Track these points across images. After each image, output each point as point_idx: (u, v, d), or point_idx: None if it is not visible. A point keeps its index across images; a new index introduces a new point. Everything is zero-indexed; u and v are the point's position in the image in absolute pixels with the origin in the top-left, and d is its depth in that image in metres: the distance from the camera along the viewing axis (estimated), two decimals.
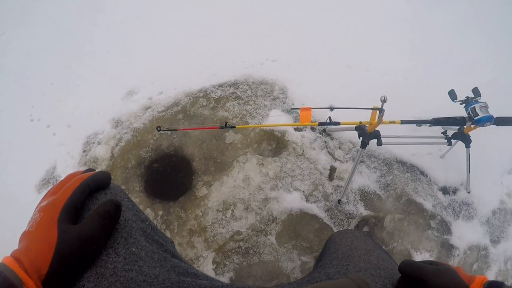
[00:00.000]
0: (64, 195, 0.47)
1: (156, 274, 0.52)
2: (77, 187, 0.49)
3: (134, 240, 0.52)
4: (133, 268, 0.49)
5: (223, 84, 1.92)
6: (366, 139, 1.45)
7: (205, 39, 2.16)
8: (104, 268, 0.46)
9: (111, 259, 0.47)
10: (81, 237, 0.44)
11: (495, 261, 1.64)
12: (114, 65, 2.05)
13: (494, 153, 1.82)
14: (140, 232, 0.55)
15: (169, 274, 0.55)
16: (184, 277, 0.58)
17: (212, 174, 1.62)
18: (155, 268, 0.53)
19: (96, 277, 0.45)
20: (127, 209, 0.55)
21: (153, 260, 0.53)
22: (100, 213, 0.47)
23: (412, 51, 2.22)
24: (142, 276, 0.49)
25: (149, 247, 0.54)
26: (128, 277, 0.47)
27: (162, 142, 1.70)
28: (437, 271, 0.56)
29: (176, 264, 0.59)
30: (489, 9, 2.59)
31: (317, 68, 2.01)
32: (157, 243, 0.58)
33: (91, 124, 1.82)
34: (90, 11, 2.46)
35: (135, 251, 0.51)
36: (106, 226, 0.48)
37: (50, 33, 2.36)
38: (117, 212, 0.49)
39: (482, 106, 1.38)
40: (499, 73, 2.17)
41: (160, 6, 2.41)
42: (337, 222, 1.56)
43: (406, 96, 1.83)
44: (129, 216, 0.54)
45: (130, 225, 0.53)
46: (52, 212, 0.45)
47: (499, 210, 1.74)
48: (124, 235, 0.51)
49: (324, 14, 2.39)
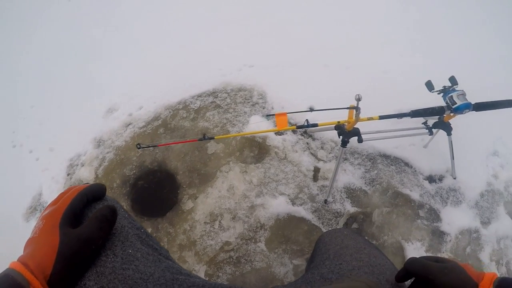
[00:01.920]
0: (64, 204, 0.51)
1: (151, 272, 0.55)
2: (76, 196, 0.53)
3: (130, 243, 0.56)
4: (130, 267, 0.52)
5: (202, 94, 1.91)
6: (346, 138, 1.44)
7: (182, 50, 2.15)
8: (103, 268, 0.50)
9: (109, 259, 0.51)
10: (81, 238, 0.48)
11: (488, 242, 1.65)
12: (91, 83, 2.03)
13: (477, 137, 1.82)
14: (136, 237, 0.58)
15: (164, 272, 0.58)
16: (178, 275, 0.61)
17: (196, 186, 1.62)
18: (150, 267, 0.56)
19: (96, 275, 0.49)
20: (123, 218, 0.59)
21: (148, 261, 0.57)
22: (98, 216, 0.51)
23: (388, 45, 2.21)
24: (139, 274, 0.53)
25: (144, 249, 0.58)
26: (125, 275, 0.51)
27: (145, 158, 1.70)
28: (444, 268, 0.54)
29: (170, 265, 0.62)
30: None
31: (295, 69, 2.00)
32: (152, 247, 0.61)
33: (73, 145, 1.81)
34: (65, 28, 2.42)
35: (132, 253, 0.55)
36: (104, 228, 0.52)
37: (26, 54, 2.33)
38: (113, 216, 0.53)
39: (460, 94, 1.38)
40: (474, 59, 2.17)
41: (133, 21, 2.39)
42: (325, 222, 1.56)
43: (387, 89, 1.82)
44: (125, 223, 0.58)
45: (127, 231, 0.57)
46: (54, 218, 0.49)
47: (486, 192, 1.74)
48: (121, 239, 0.55)
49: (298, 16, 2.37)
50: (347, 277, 0.69)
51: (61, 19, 2.49)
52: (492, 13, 2.57)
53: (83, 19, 2.46)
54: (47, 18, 2.52)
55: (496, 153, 1.85)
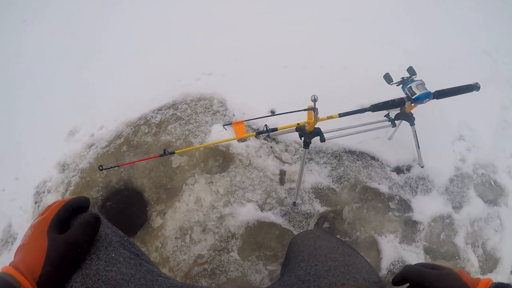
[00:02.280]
0: (52, 213, 0.55)
1: (132, 274, 0.59)
2: (62, 207, 0.57)
3: (113, 248, 0.60)
4: (113, 269, 0.56)
5: (162, 107, 1.88)
6: (307, 139, 1.43)
7: (138, 63, 2.11)
8: (88, 270, 0.53)
9: (94, 262, 0.55)
10: (68, 242, 0.52)
11: (462, 226, 1.66)
12: (50, 107, 2.00)
13: (441, 124, 1.83)
14: (118, 243, 0.62)
15: (144, 274, 0.62)
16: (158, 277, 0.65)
17: (164, 202, 1.60)
18: (132, 269, 0.60)
19: (82, 277, 0.52)
20: (106, 227, 0.63)
21: (130, 264, 0.60)
22: (83, 223, 0.56)
23: (346, 40, 2.21)
24: (121, 275, 0.56)
25: (126, 254, 0.62)
26: (108, 276, 0.54)
27: (111, 178, 1.68)
28: (439, 275, 0.55)
29: (150, 268, 0.66)
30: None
31: (254, 73, 1.98)
32: (134, 253, 0.65)
33: (38, 172, 1.78)
34: (21, 49, 2.38)
35: (114, 256, 0.59)
36: (88, 233, 0.56)
37: None
38: (97, 222, 0.58)
39: (419, 84, 1.37)
40: (433, 46, 2.18)
41: (88, 37, 2.35)
42: (296, 225, 1.56)
43: (347, 85, 1.82)
44: (108, 232, 0.62)
45: (110, 238, 0.61)
46: (42, 226, 0.53)
47: (455, 177, 1.75)
48: (105, 244, 0.59)
49: (255, 19, 2.35)
50: (324, 278, 0.69)
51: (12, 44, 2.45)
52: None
53: (37, 39, 2.41)
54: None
55: (461, 137, 1.86)
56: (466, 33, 2.39)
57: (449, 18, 2.48)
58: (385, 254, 1.52)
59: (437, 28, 2.37)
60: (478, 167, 1.80)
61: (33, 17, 2.66)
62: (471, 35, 2.40)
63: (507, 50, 2.35)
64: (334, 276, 0.68)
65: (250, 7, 2.41)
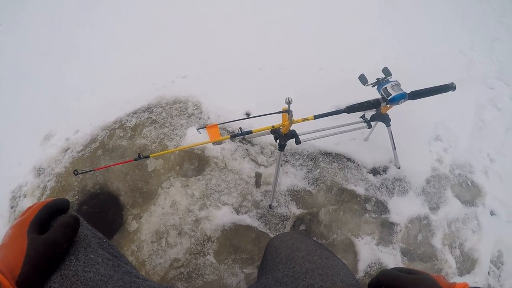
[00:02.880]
0: (32, 214, 0.56)
1: (111, 275, 0.59)
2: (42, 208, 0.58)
3: (92, 249, 0.60)
4: (91, 270, 0.56)
5: (137, 111, 1.87)
6: (283, 141, 1.43)
7: (113, 66, 2.10)
8: (67, 271, 0.53)
9: (72, 263, 0.55)
10: (47, 242, 0.52)
11: (439, 227, 1.67)
12: (26, 110, 1.98)
13: (418, 124, 1.84)
14: (97, 245, 0.62)
15: (123, 276, 0.62)
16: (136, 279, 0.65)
17: (140, 205, 1.59)
18: (110, 270, 0.60)
19: (60, 278, 0.52)
20: (86, 228, 0.63)
21: (108, 265, 0.61)
22: (63, 223, 0.56)
23: (321, 41, 2.21)
24: (99, 276, 0.57)
25: (105, 255, 0.62)
26: (87, 277, 0.54)
27: (86, 182, 1.66)
28: (415, 280, 0.55)
29: (129, 270, 0.66)
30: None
31: (229, 76, 1.98)
32: (112, 254, 0.65)
33: (14, 177, 1.76)
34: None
35: (93, 257, 0.59)
36: (68, 233, 0.56)
37: None
38: (76, 223, 0.58)
39: (394, 84, 1.37)
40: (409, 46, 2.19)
41: (61, 40, 2.33)
42: (272, 227, 1.56)
43: (323, 86, 1.83)
44: (87, 233, 0.62)
45: (89, 239, 0.61)
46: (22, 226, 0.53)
47: (432, 177, 1.76)
48: (83, 245, 0.59)
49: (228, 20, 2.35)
50: (302, 280, 0.69)
51: None
52: None
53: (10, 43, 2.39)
54: None
55: (438, 137, 1.87)
56: (442, 33, 2.41)
57: (424, 18, 2.49)
58: (362, 256, 1.53)
59: (413, 28, 2.38)
60: (455, 168, 1.81)
61: (8, 20, 2.62)
62: (446, 34, 2.42)
63: (482, 50, 2.37)
64: (312, 278, 0.69)
65: (225, 10, 2.41)
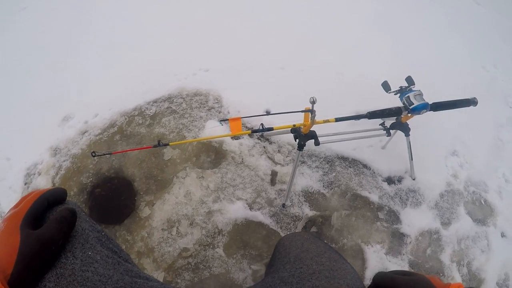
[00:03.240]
0: (26, 206, 0.52)
1: (110, 275, 0.55)
2: (37, 199, 0.54)
3: (90, 245, 0.56)
4: (89, 269, 0.53)
5: (158, 100, 1.88)
6: (302, 141, 1.43)
7: (136, 55, 2.12)
8: (63, 269, 0.50)
9: (69, 261, 0.51)
10: (42, 239, 0.49)
11: (448, 243, 1.65)
12: (47, 91, 1.99)
13: (436, 137, 1.83)
14: (96, 240, 0.59)
15: (123, 275, 0.58)
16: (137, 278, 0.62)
17: (153, 193, 1.60)
18: (110, 270, 0.57)
19: (56, 277, 0.49)
20: (84, 221, 0.59)
21: (107, 263, 0.57)
22: (58, 218, 0.52)
23: (343, 46, 2.23)
24: (98, 276, 0.53)
25: (104, 252, 0.58)
26: (84, 277, 0.51)
27: (102, 166, 1.67)
28: (410, 281, 0.55)
29: (129, 268, 0.62)
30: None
31: (251, 73, 1.99)
32: (112, 250, 0.62)
33: (30, 154, 1.77)
34: (16, 38, 2.38)
35: (91, 255, 0.55)
36: (64, 229, 0.53)
37: None
38: (73, 217, 0.54)
39: (417, 94, 1.38)
40: (432, 58, 2.20)
41: (88, 27, 2.36)
42: (283, 226, 1.55)
43: (343, 90, 1.83)
44: (85, 226, 0.58)
45: (87, 234, 0.57)
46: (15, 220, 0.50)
47: (446, 192, 1.75)
48: (81, 241, 0.55)
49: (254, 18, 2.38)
50: (307, 280, 0.69)
51: (11, 28, 2.44)
52: (447, 11, 2.63)
53: (37, 26, 2.41)
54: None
55: (455, 152, 1.86)
56: (466, 47, 2.42)
57: (450, 31, 2.50)
58: (370, 264, 1.52)
59: (438, 40, 2.39)
60: (470, 185, 1.80)
61: (33, 4, 2.65)
62: (470, 49, 2.43)
63: (506, 68, 2.37)
64: (318, 280, 0.68)
65: (250, 7, 2.43)
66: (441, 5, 2.62)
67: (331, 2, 2.47)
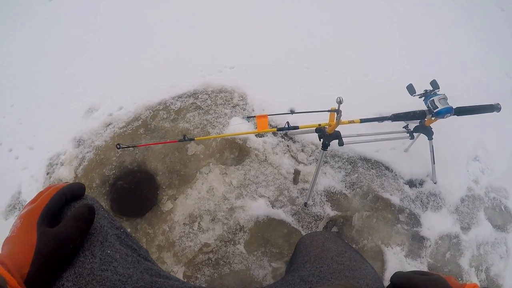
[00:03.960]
0: (43, 202, 0.51)
1: (130, 274, 0.55)
2: (54, 195, 0.53)
3: (109, 243, 0.55)
4: (109, 268, 0.52)
5: (183, 95, 1.89)
6: (326, 141, 1.44)
7: (162, 50, 2.13)
8: (81, 268, 0.49)
9: (88, 260, 0.51)
10: (59, 237, 0.48)
11: (468, 248, 1.65)
12: (72, 83, 2.01)
13: (458, 142, 1.83)
14: (115, 237, 0.58)
15: (142, 274, 0.58)
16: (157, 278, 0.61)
17: (176, 187, 1.61)
18: (129, 269, 0.56)
19: (74, 276, 0.48)
20: (102, 217, 0.58)
21: (127, 262, 0.56)
22: (76, 215, 0.52)
23: (369, 48, 2.22)
24: (117, 275, 0.52)
25: (123, 250, 0.57)
26: (104, 276, 0.50)
27: (125, 159, 1.68)
28: (427, 281, 0.55)
29: (149, 266, 0.62)
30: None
31: (276, 71, 2.00)
32: (131, 248, 0.61)
33: (53, 145, 1.78)
34: (46, 29, 2.40)
35: (110, 253, 0.54)
36: (82, 227, 0.52)
37: (2, 55, 2.30)
38: (91, 214, 0.54)
39: (441, 98, 1.38)
40: (455, 63, 2.20)
41: (114, 20, 2.36)
42: (305, 225, 1.56)
43: (367, 92, 1.83)
44: (104, 223, 0.57)
45: (106, 231, 0.56)
46: (32, 217, 0.49)
47: (467, 197, 1.75)
48: (100, 239, 0.54)
49: (279, 16, 2.38)
50: (327, 280, 0.69)
51: (42, 19, 2.46)
52: (472, 17, 2.61)
53: (64, 18, 2.43)
54: (27, 17, 2.48)
55: (477, 158, 1.86)
56: (490, 53, 2.40)
57: (474, 37, 2.49)
58: (389, 265, 1.52)
59: (462, 46, 2.38)
60: (490, 190, 1.80)
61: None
62: (494, 55, 2.41)
63: None
64: (338, 279, 0.68)
65: (275, 5, 2.43)
66: (466, 11, 2.60)
67: (357, 5, 2.46)
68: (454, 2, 2.69)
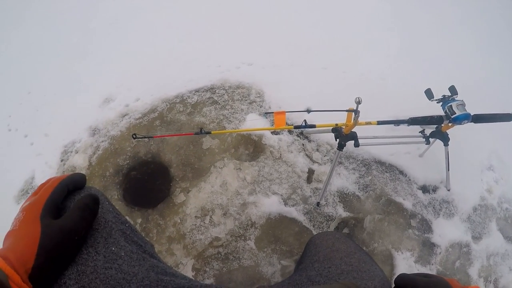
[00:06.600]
0: (45, 194, 0.49)
1: (135, 272, 0.54)
2: (57, 186, 0.51)
3: (114, 240, 0.54)
4: (113, 266, 0.51)
5: (200, 89, 1.90)
6: (343, 141, 1.44)
7: (181, 44, 2.14)
8: (84, 266, 0.48)
9: (91, 257, 0.49)
10: (64, 229, 0.46)
11: (478, 258, 1.64)
12: (90, 73, 2.03)
13: (473, 150, 1.82)
14: (120, 233, 0.56)
15: (148, 272, 0.57)
16: (163, 276, 0.60)
17: (189, 180, 1.61)
18: (134, 266, 0.55)
19: (77, 274, 0.47)
20: (107, 212, 0.56)
21: (132, 259, 0.55)
22: (80, 206, 0.50)
23: (388, 51, 2.23)
24: (121, 274, 0.51)
25: (128, 247, 0.56)
26: (107, 275, 0.49)
27: (139, 149, 1.69)
28: (430, 282, 0.56)
29: (154, 264, 0.60)
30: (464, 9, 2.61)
31: (293, 70, 2.01)
32: (136, 244, 0.60)
33: (68, 132, 1.79)
34: (66, 18, 2.43)
35: (115, 250, 0.53)
36: (86, 217, 0.50)
37: (23, 42, 2.33)
38: (95, 205, 0.52)
39: (459, 104, 1.37)
40: (475, 70, 2.19)
41: (135, 12, 2.39)
42: (316, 225, 1.55)
43: (383, 96, 1.83)
44: (109, 218, 0.56)
45: (110, 226, 0.55)
46: (34, 210, 0.47)
47: (479, 206, 1.74)
48: (104, 235, 0.53)
49: (299, 15, 2.39)
50: (335, 281, 0.69)
51: (58, 8, 2.49)
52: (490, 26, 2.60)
53: (80, 10, 2.46)
54: (42, 4, 2.52)
55: (491, 167, 1.85)
56: (508, 63, 2.39)
57: (492, 45, 2.47)
58: (398, 270, 1.51)
59: (481, 53, 2.37)
60: (503, 201, 1.79)
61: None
62: None
63: None
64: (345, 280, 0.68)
65: (294, 6, 2.45)
66: (485, 20, 2.60)
67: (375, 9, 2.46)
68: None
